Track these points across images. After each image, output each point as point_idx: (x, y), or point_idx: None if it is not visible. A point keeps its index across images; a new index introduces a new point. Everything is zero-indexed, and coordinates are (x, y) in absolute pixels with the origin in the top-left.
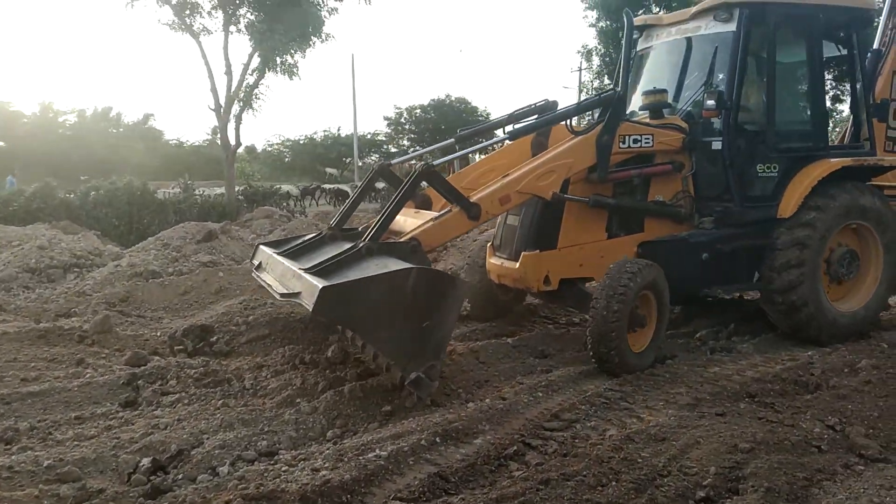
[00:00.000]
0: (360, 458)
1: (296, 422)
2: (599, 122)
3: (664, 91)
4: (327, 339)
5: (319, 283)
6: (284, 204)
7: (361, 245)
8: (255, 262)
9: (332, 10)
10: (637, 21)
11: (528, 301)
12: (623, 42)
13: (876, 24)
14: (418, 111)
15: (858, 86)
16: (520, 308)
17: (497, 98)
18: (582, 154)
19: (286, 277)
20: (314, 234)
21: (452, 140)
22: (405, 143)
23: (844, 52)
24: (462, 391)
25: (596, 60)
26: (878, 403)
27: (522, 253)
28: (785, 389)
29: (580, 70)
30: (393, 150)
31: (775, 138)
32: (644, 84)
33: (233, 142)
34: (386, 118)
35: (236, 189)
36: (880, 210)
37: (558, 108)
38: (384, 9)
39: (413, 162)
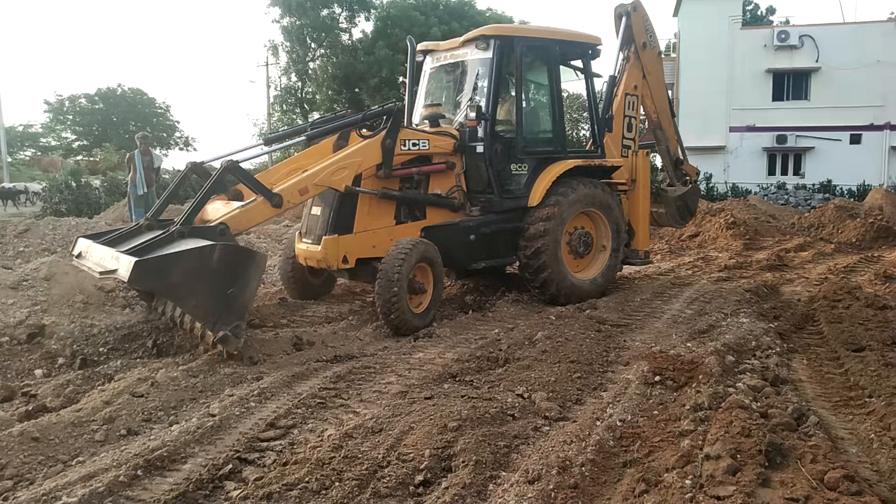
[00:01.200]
0: None
1: None
2: (383, 129)
3: (439, 104)
4: None
5: (134, 259)
6: None
7: (174, 229)
8: (76, 252)
9: None
10: (420, 46)
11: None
12: (407, 64)
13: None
14: (83, 100)
15: (592, 104)
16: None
17: (180, 90)
18: (369, 154)
19: (105, 259)
20: (132, 226)
21: (262, 142)
22: (68, 135)
23: (581, 77)
24: (163, 413)
25: (283, 56)
26: (553, 369)
27: (323, 237)
28: (481, 366)
29: (267, 65)
30: (53, 143)
31: (524, 143)
32: (425, 99)
33: None
34: (47, 103)
35: None
36: (606, 200)
37: (396, 111)
38: None
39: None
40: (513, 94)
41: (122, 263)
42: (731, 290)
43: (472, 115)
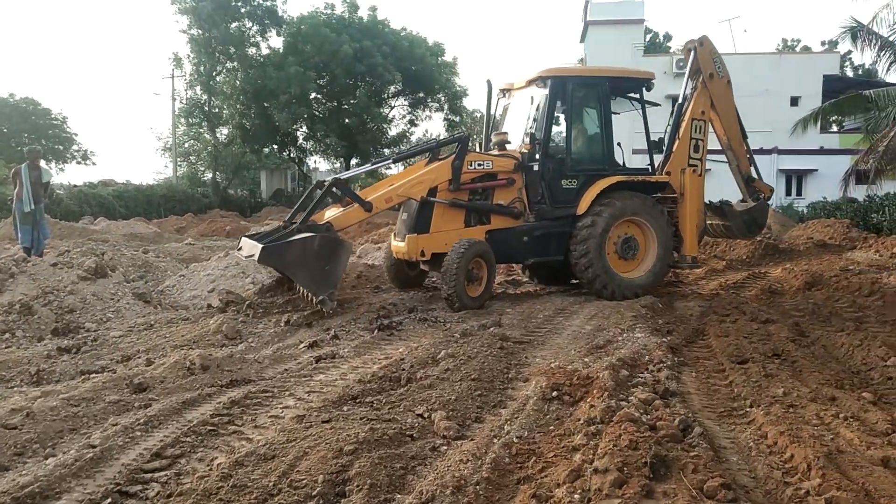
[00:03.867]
0: None
1: None
2: (452, 154)
3: (506, 133)
4: None
5: (261, 246)
6: None
7: (293, 226)
8: (238, 247)
9: None
10: (501, 85)
11: None
12: (486, 101)
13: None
14: None
15: (646, 130)
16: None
17: (78, 101)
18: (441, 172)
19: (249, 247)
20: (274, 227)
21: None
22: None
23: (637, 107)
24: (38, 446)
25: (188, 67)
26: (454, 388)
27: (407, 236)
28: (382, 387)
29: (172, 77)
30: None
31: (572, 163)
32: (500, 128)
33: None
34: None
35: None
36: (650, 210)
37: (469, 141)
38: None
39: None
40: (564, 122)
41: (257, 250)
42: (627, 305)
43: (527, 140)
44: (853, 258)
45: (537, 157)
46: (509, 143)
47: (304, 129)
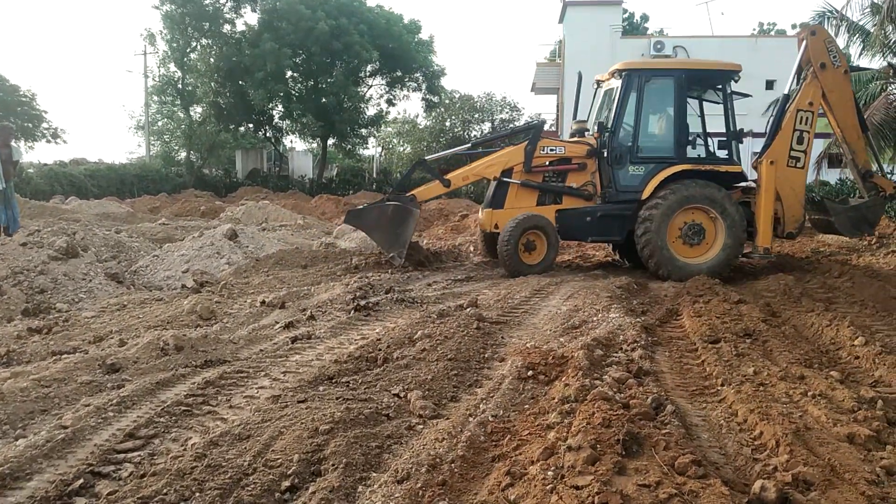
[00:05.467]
0: None
1: None
2: (526, 139)
3: (584, 121)
4: None
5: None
6: None
7: (388, 196)
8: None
9: None
10: (596, 77)
11: None
12: (575, 92)
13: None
14: None
15: (727, 120)
16: None
17: (48, 78)
18: (514, 156)
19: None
20: (381, 199)
21: (465, 146)
22: None
23: (720, 98)
24: (8, 427)
25: (162, 45)
26: (431, 368)
27: (483, 210)
28: (359, 367)
29: (144, 54)
30: None
31: (638, 150)
32: (594, 116)
33: None
34: None
35: None
36: (719, 200)
37: (545, 126)
38: None
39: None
40: (635, 112)
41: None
42: (603, 286)
43: (597, 128)
44: (824, 240)
45: (606, 144)
46: (588, 130)
47: (280, 107)
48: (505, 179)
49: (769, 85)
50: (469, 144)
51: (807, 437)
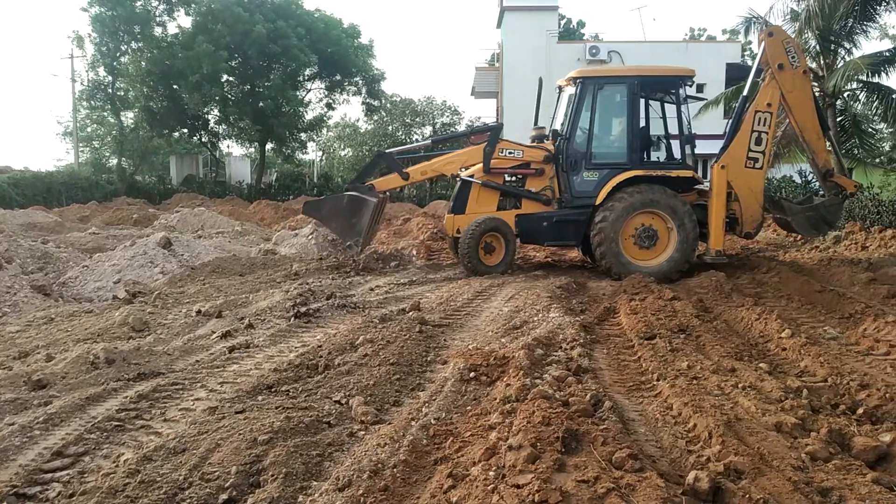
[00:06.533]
0: None
1: None
2: (486, 141)
3: (542, 127)
4: None
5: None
6: None
7: (347, 186)
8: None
9: None
10: (558, 82)
11: None
12: (535, 97)
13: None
14: None
15: (680, 125)
16: None
17: None
18: (473, 156)
19: None
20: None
21: (426, 141)
22: None
23: (673, 102)
24: None
25: (90, 48)
26: (373, 373)
27: (446, 215)
28: (299, 375)
29: (72, 58)
30: None
31: (592, 157)
32: (556, 121)
33: None
34: None
35: None
36: (669, 204)
37: (501, 130)
38: None
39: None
40: (588, 119)
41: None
42: (544, 287)
43: (550, 135)
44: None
45: (560, 150)
46: (547, 137)
47: (216, 112)
48: (465, 178)
49: (699, 88)
50: (430, 140)
51: (737, 427)
